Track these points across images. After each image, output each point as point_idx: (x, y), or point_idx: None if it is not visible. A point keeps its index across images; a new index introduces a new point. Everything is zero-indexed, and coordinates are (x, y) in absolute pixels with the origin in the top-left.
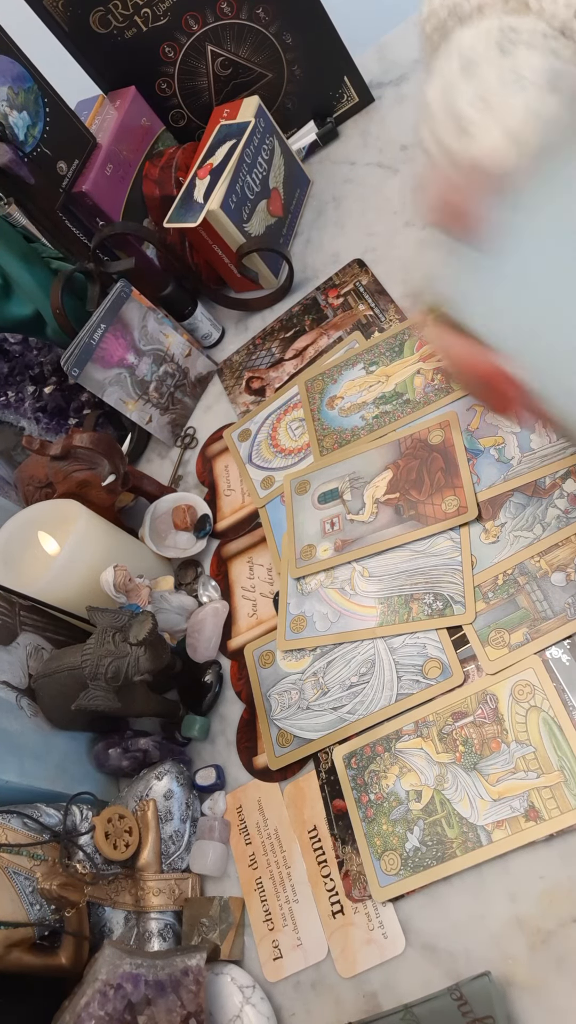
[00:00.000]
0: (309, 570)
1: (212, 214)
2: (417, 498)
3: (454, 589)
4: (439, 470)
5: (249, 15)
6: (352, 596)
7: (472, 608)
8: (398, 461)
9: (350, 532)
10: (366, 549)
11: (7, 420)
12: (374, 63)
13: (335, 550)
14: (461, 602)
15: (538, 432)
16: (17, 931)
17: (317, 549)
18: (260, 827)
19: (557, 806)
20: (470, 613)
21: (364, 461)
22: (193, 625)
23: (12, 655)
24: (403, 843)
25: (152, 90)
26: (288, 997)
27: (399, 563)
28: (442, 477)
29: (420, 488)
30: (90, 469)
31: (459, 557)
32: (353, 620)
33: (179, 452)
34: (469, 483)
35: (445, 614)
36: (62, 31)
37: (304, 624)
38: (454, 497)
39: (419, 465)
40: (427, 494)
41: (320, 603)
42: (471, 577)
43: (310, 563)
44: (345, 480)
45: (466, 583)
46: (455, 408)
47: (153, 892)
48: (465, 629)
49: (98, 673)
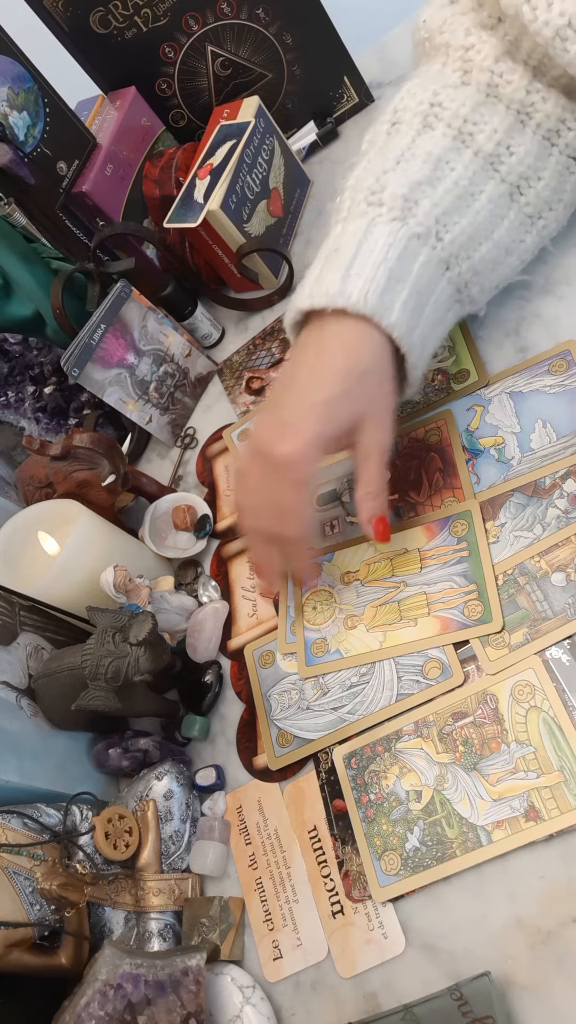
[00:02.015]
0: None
1: (212, 214)
2: (416, 499)
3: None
4: (437, 470)
5: (249, 15)
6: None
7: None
8: (395, 462)
9: (349, 534)
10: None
11: (7, 420)
12: (374, 63)
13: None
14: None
15: (538, 432)
16: (17, 931)
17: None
18: (260, 827)
19: (557, 806)
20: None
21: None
22: (193, 625)
23: (12, 655)
24: (403, 843)
25: (152, 90)
26: (288, 997)
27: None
28: (440, 478)
29: (419, 489)
30: (90, 469)
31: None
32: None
33: (179, 452)
34: (468, 483)
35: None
36: (62, 31)
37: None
38: (453, 498)
39: (417, 465)
40: (426, 495)
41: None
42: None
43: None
44: (343, 481)
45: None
46: (453, 407)
47: (153, 892)
48: None
49: (98, 673)
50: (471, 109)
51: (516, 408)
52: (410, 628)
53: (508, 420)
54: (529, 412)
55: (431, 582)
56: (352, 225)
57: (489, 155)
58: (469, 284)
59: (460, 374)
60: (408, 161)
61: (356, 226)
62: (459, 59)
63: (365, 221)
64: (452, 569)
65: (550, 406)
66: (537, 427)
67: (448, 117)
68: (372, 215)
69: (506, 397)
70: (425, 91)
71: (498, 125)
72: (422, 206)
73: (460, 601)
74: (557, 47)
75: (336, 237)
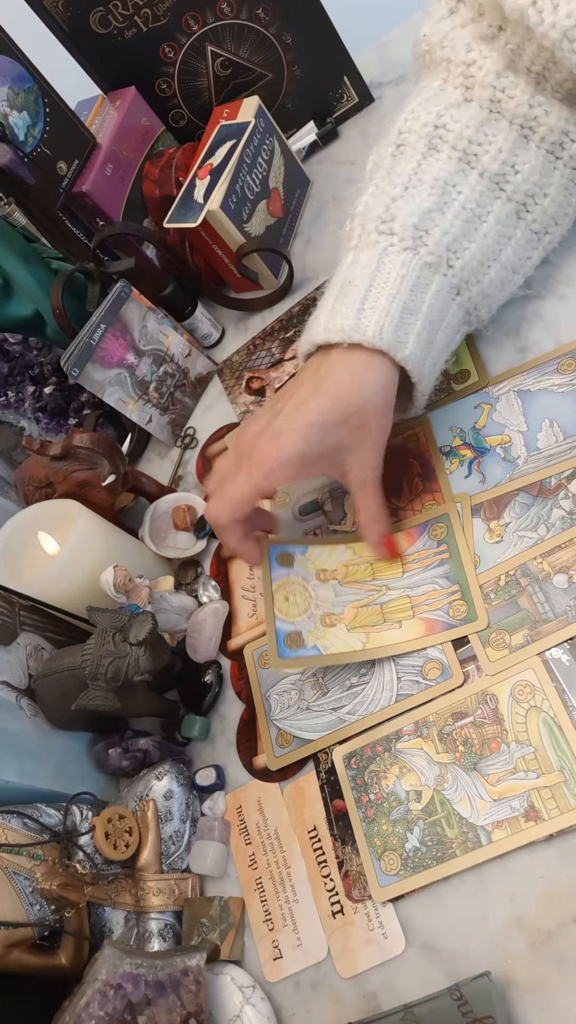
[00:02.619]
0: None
1: (212, 214)
2: (398, 504)
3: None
4: (416, 475)
5: (249, 15)
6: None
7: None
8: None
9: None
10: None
11: (7, 420)
12: (374, 63)
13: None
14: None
15: (545, 431)
16: (17, 931)
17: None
18: (260, 827)
19: (557, 806)
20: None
21: None
22: (193, 625)
23: (12, 655)
24: (403, 843)
25: (152, 90)
26: (288, 997)
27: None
28: (420, 482)
29: (399, 495)
30: (90, 469)
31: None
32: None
33: (179, 452)
34: (447, 486)
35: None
36: (62, 31)
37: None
38: (433, 501)
39: (397, 472)
40: (407, 500)
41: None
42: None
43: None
44: (325, 491)
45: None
46: (454, 408)
47: (153, 892)
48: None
49: (98, 673)
50: (475, 130)
51: (524, 407)
52: (395, 630)
53: (515, 419)
54: (537, 411)
55: (414, 585)
56: (364, 255)
57: (495, 175)
58: (479, 307)
59: (460, 374)
60: (416, 187)
61: (368, 256)
62: (460, 75)
63: (377, 251)
64: (434, 572)
65: (558, 405)
66: (544, 426)
67: (452, 139)
68: (384, 244)
69: (514, 395)
70: (428, 113)
71: (502, 144)
72: (433, 235)
73: (444, 602)
74: (565, 49)
75: (348, 267)
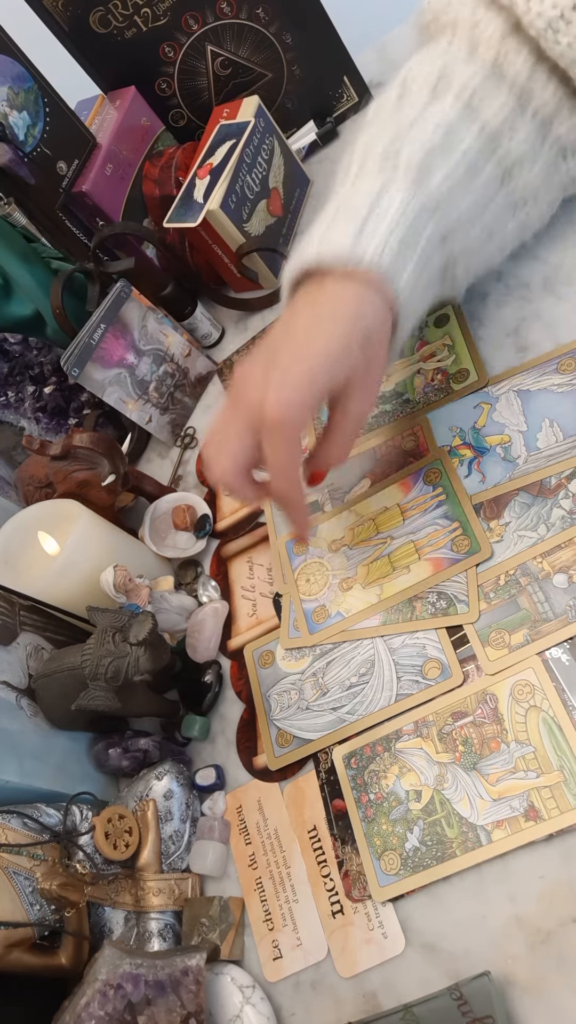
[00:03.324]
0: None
1: (212, 214)
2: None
3: (457, 588)
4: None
5: (249, 15)
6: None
7: (476, 607)
8: (375, 470)
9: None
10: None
11: (7, 420)
12: (374, 63)
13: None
14: (464, 601)
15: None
16: (17, 931)
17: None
18: (260, 827)
19: (557, 806)
20: (473, 612)
21: (341, 471)
22: (193, 625)
23: (12, 655)
24: (403, 843)
25: (152, 90)
26: (288, 997)
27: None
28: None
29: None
30: (90, 469)
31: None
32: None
33: (179, 452)
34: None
35: (449, 613)
36: (62, 31)
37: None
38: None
39: (395, 471)
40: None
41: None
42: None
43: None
44: (324, 492)
45: (469, 582)
46: (453, 408)
47: (153, 892)
48: (466, 629)
49: (98, 673)
50: (479, 82)
51: (523, 406)
52: (405, 576)
53: (515, 418)
54: (536, 411)
55: (415, 530)
56: (364, 183)
57: (494, 132)
58: (456, 262)
59: (460, 374)
60: (421, 127)
61: (369, 185)
62: (467, 34)
63: (379, 181)
64: (433, 514)
65: (557, 405)
66: (544, 426)
67: (457, 88)
68: (387, 176)
69: (513, 395)
70: (433, 64)
71: (503, 103)
72: (435, 177)
73: (447, 540)
74: (549, 39)
75: (346, 194)
